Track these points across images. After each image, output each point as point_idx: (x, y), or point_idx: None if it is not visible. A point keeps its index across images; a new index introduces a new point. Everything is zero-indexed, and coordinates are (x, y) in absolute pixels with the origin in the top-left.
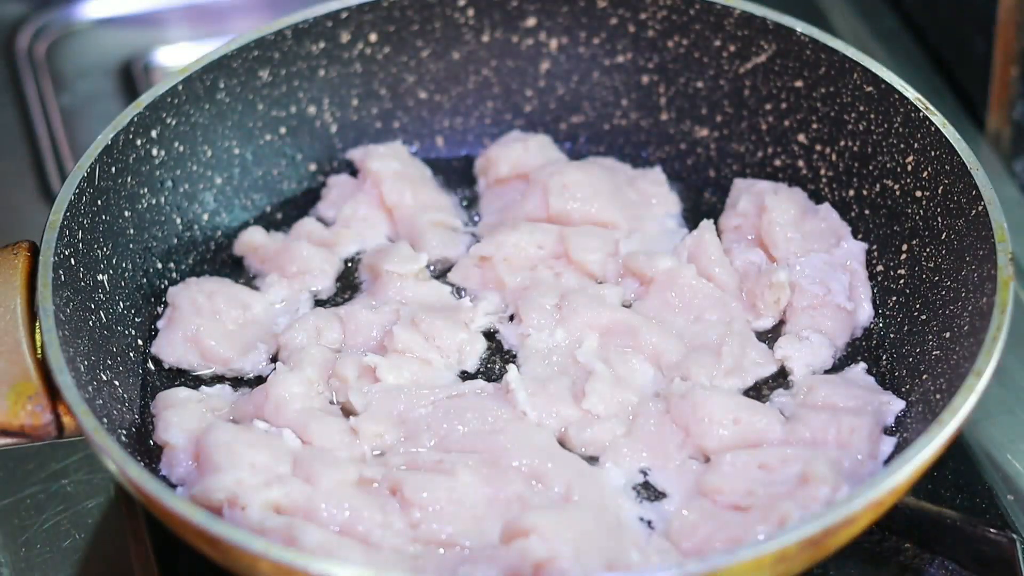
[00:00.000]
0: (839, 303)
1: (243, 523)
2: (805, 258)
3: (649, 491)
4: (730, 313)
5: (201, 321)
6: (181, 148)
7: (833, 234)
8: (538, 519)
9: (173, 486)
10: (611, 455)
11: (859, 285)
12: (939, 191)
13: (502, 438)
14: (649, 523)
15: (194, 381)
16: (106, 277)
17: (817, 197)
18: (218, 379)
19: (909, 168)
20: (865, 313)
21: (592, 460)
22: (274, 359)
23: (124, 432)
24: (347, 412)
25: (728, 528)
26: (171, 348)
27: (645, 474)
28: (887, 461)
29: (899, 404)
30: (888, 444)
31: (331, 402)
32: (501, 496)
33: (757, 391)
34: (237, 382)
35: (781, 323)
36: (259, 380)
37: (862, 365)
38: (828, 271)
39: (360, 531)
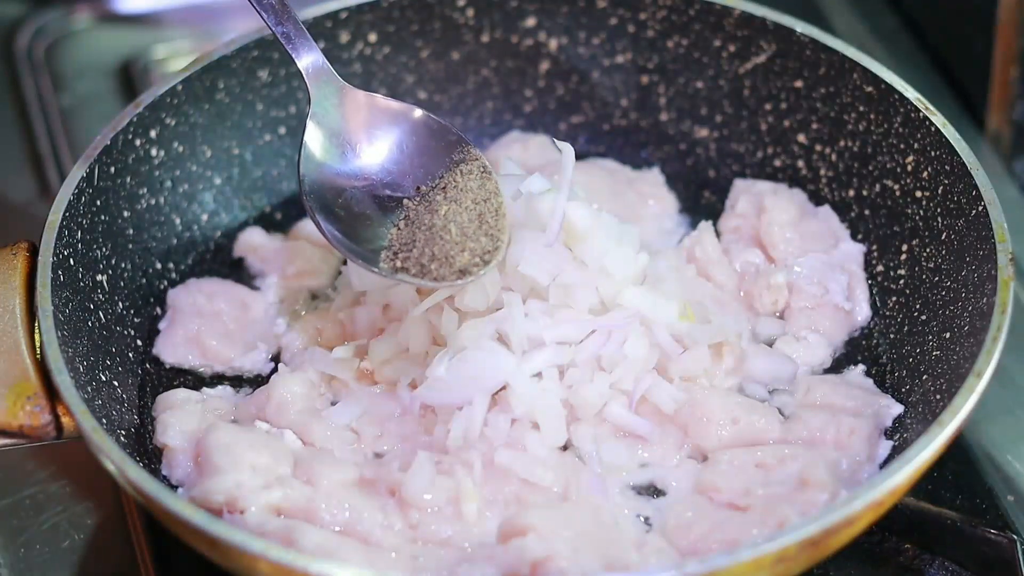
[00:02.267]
0: (837, 303)
1: (242, 527)
2: (803, 259)
3: (647, 489)
4: (729, 313)
5: (202, 321)
6: (180, 148)
7: (832, 235)
8: (535, 518)
9: (174, 487)
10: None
11: (857, 286)
12: (939, 191)
13: None
14: (646, 520)
15: (195, 381)
16: (105, 277)
17: (817, 197)
18: (219, 379)
19: (909, 168)
20: (863, 313)
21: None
22: (274, 359)
23: (123, 432)
24: None
25: (726, 527)
26: (172, 348)
27: (644, 473)
28: (883, 464)
29: (897, 408)
30: (885, 447)
31: (332, 403)
32: (499, 496)
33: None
34: (238, 382)
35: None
36: (259, 380)
37: (861, 367)
38: (826, 271)
39: (360, 531)
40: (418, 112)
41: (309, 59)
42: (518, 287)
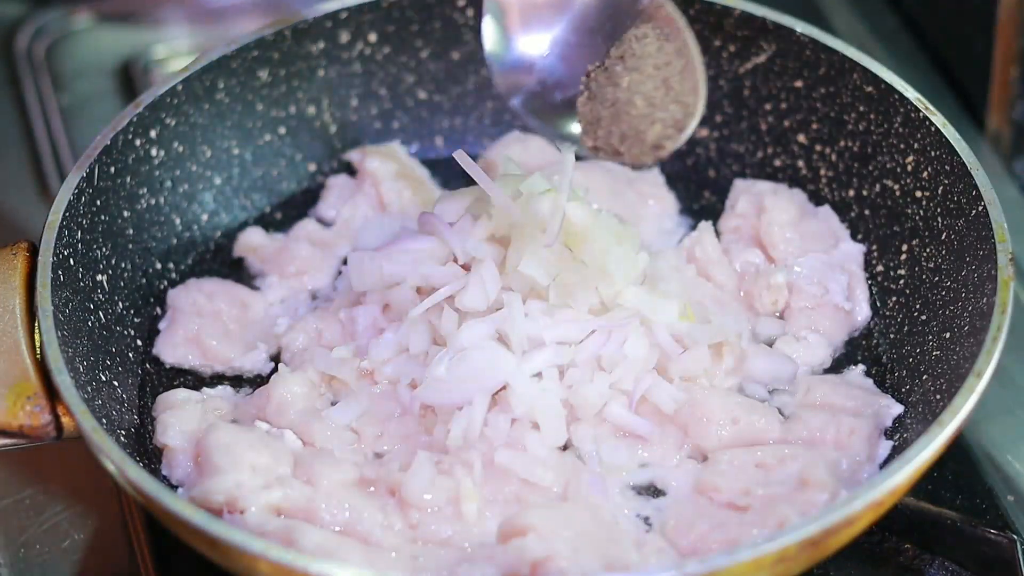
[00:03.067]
0: (837, 303)
1: (242, 527)
2: (803, 259)
3: (647, 489)
4: (729, 313)
5: (202, 321)
6: (180, 148)
7: (832, 235)
8: (535, 517)
9: (174, 487)
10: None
11: (857, 286)
12: (939, 191)
13: None
14: (646, 520)
15: (195, 382)
16: (105, 277)
17: (817, 197)
18: (219, 379)
19: (909, 168)
20: (863, 313)
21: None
22: (274, 359)
23: (123, 432)
24: None
25: (725, 528)
26: (172, 348)
27: (644, 473)
28: (883, 464)
29: (897, 408)
30: (885, 448)
31: (332, 403)
32: (499, 496)
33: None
34: (238, 382)
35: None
36: (259, 379)
37: (861, 367)
38: (826, 271)
39: (360, 531)
40: None
41: None
42: (518, 287)
